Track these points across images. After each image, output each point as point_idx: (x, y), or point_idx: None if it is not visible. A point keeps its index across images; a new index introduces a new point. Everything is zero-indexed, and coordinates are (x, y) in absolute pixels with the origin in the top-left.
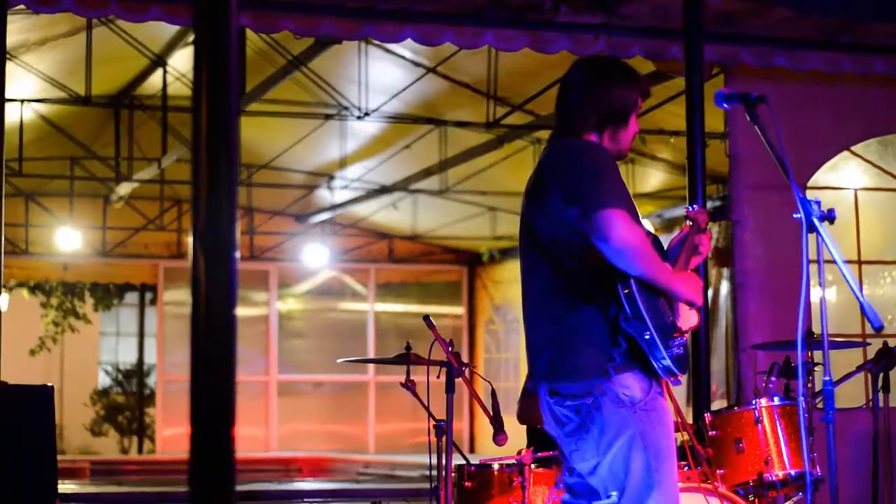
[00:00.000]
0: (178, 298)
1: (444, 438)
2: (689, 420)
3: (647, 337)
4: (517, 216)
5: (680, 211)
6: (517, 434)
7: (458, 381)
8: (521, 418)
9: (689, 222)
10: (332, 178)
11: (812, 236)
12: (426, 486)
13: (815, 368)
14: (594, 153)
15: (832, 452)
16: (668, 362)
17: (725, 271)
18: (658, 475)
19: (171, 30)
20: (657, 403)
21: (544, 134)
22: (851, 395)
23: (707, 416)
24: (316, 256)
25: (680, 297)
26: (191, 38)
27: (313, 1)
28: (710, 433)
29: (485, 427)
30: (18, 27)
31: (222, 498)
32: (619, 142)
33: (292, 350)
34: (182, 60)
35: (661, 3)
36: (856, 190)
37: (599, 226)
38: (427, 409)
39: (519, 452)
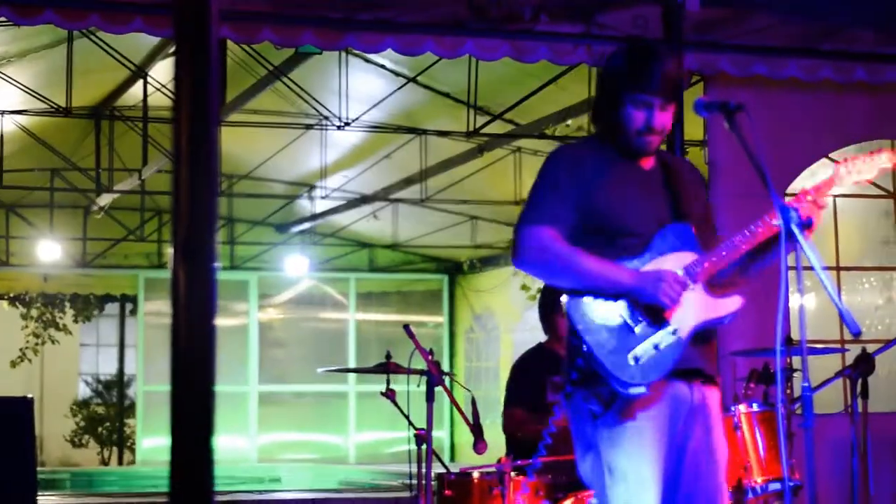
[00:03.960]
0: (158, 309)
1: (424, 447)
2: None
3: (584, 350)
4: (497, 225)
5: None
6: (497, 442)
7: (439, 389)
8: (505, 429)
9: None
10: (312, 187)
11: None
12: (407, 494)
13: (794, 374)
14: (546, 163)
15: (811, 458)
16: (615, 373)
17: None
18: (611, 492)
19: (151, 41)
20: (621, 418)
21: (525, 143)
22: (830, 400)
23: None
24: (296, 266)
25: (641, 298)
26: (171, 48)
27: (294, 12)
28: None
29: (465, 435)
30: None
31: None
32: (618, 132)
33: (273, 360)
34: (163, 71)
35: (641, 12)
36: (834, 197)
37: (513, 246)
38: (407, 417)
39: (499, 461)
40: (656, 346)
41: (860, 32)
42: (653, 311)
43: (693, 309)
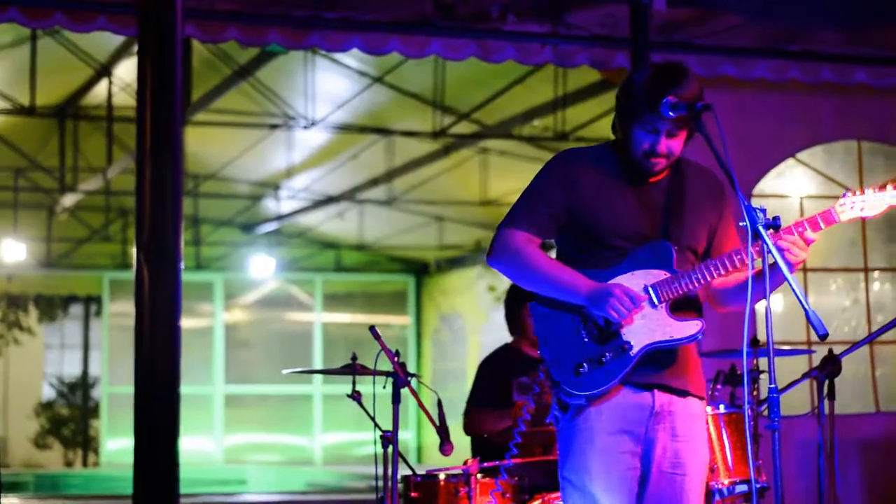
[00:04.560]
0: (123, 310)
1: (390, 449)
2: None
3: (540, 353)
4: (463, 225)
5: None
6: (464, 444)
7: (405, 391)
8: (467, 429)
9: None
10: (278, 188)
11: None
12: (373, 496)
13: (761, 376)
14: (544, 165)
15: (777, 460)
16: (560, 381)
17: None
18: (567, 494)
19: (116, 39)
20: (577, 421)
21: (491, 143)
22: (797, 402)
23: None
24: (262, 267)
25: (591, 310)
26: (136, 47)
27: (259, 11)
28: None
29: (431, 437)
30: None
31: None
32: (626, 149)
33: (239, 361)
34: (128, 70)
35: (609, 11)
36: (801, 197)
37: (490, 245)
38: (373, 419)
39: (465, 462)
40: (602, 360)
41: (827, 34)
42: (608, 325)
43: (649, 327)
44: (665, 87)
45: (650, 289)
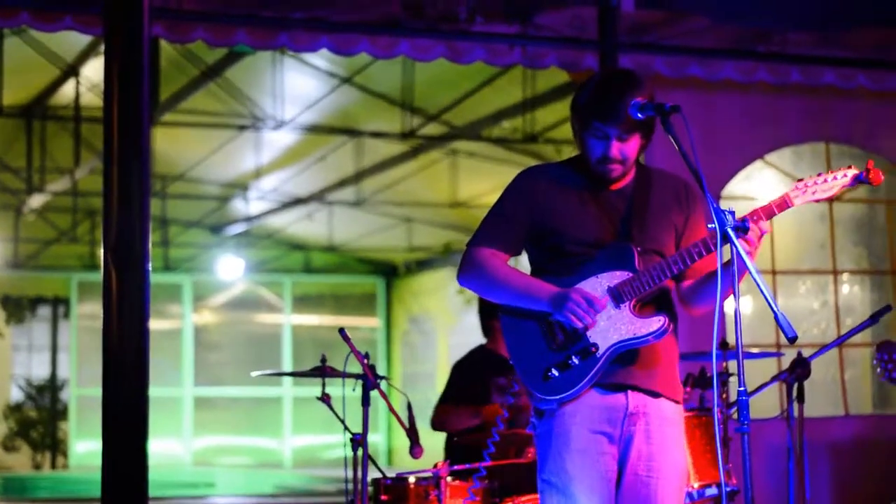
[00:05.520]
0: (91, 312)
1: (360, 451)
2: None
3: (511, 363)
4: (433, 227)
5: None
6: (434, 447)
7: (374, 393)
8: (433, 425)
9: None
10: (246, 189)
11: (726, 247)
12: (342, 500)
13: (730, 379)
14: (508, 184)
15: (747, 463)
16: (530, 388)
17: None
18: (546, 497)
19: (83, 39)
20: (553, 425)
21: (460, 144)
22: (766, 405)
23: None
24: (231, 268)
25: (553, 316)
26: (103, 47)
27: (227, 11)
28: None
29: (401, 440)
30: None
31: None
32: (587, 161)
33: (208, 363)
34: (95, 70)
35: (577, 13)
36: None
37: (459, 264)
38: (343, 422)
39: (435, 465)
40: (570, 363)
41: (795, 35)
42: (573, 329)
43: (614, 327)
44: (609, 92)
45: (612, 289)
